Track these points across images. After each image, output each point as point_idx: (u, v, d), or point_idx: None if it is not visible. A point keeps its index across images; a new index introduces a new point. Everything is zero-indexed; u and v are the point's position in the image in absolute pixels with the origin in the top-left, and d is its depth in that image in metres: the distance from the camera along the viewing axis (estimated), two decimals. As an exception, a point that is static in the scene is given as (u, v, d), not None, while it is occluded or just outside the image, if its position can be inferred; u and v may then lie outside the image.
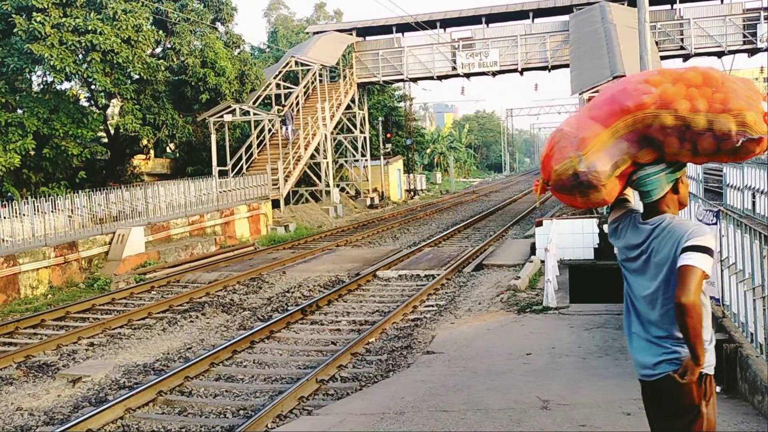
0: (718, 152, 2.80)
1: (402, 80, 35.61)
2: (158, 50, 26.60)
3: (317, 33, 35.25)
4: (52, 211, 16.25)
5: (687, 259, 2.71)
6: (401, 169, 41.73)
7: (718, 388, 5.93)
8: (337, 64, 33.14)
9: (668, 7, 30.90)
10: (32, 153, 21.67)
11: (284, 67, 31.19)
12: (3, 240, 15.03)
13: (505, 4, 33.78)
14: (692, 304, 2.66)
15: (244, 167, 27.47)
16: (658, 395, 2.93)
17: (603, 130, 2.88)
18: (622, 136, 2.86)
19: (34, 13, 20.44)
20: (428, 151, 63.38)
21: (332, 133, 32.60)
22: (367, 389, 7.44)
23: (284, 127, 26.80)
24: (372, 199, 34.83)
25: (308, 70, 31.39)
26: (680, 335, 2.79)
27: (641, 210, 3.05)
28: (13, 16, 20.49)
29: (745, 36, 29.91)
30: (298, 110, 30.38)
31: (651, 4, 12.67)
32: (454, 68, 33.24)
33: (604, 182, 2.89)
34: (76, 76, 22.00)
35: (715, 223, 6.50)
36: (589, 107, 3.03)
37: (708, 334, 2.81)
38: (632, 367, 7.56)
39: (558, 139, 2.98)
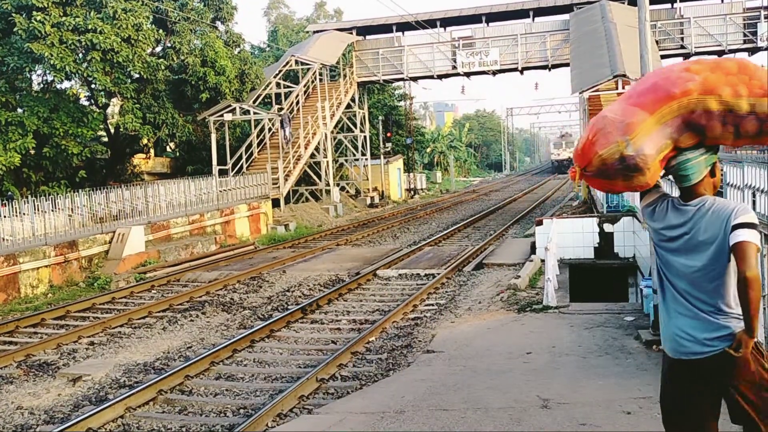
0: (761, 134, 2.99)
1: (402, 79, 35.59)
2: (158, 49, 26.58)
3: (317, 32, 35.22)
4: (52, 210, 16.24)
5: (741, 236, 2.87)
6: (401, 168, 41.71)
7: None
8: (337, 63, 33.12)
9: (668, 6, 30.90)
10: (32, 152, 21.66)
11: (284, 66, 31.17)
12: (3, 239, 15.03)
13: (505, 3, 33.75)
14: (755, 276, 2.82)
15: (244, 166, 27.46)
16: (712, 372, 3.01)
17: (648, 116, 3.02)
18: (667, 121, 3.01)
19: (34, 12, 20.42)
20: (428, 150, 63.32)
21: (332, 132, 32.58)
22: (367, 388, 7.44)
23: (282, 131, 26.66)
24: (372, 198, 34.82)
25: (308, 69, 31.37)
26: (727, 309, 2.98)
27: (672, 194, 3.22)
28: (13, 15, 20.47)
29: (745, 35, 29.89)
30: (298, 109, 30.38)
31: (651, 3, 12.66)
32: (454, 67, 33.22)
33: (650, 165, 3.04)
34: (76, 75, 21.98)
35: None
36: (630, 95, 3.17)
37: None
38: (632, 367, 7.54)
39: (602, 126, 3.09)
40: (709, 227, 2.98)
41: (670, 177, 3.29)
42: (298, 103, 30.78)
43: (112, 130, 26.31)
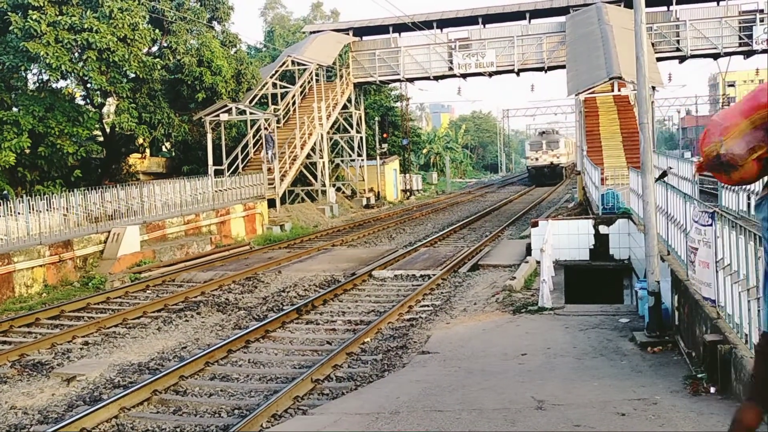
0: None
1: (398, 80, 35.60)
2: (154, 49, 26.54)
3: (314, 32, 35.24)
4: (47, 210, 16.19)
5: None
6: (397, 169, 41.73)
7: (712, 389, 5.95)
8: (334, 63, 33.12)
9: (665, 8, 30.97)
10: (27, 151, 21.60)
11: (281, 66, 31.15)
12: (-2, 238, 14.98)
13: (501, 4, 33.86)
14: None
15: (240, 166, 27.43)
16: None
17: (743, 120, 3.45)
18: (758, 126, 3.41)
19: (30, 11, 20.37)
20: (424, 151, 63.36)
21: (328, 132, 32.56)
22: (362, 389, 7.44)
23: (265, 147, 26.30)
24: (368, 199, 34.82)
25: (305, 70, 31.35)
26: None
27: None
28: (9, 13, 20.42)
29: (741, 38, 29.99)
30: (294, 109, 30.36)
31: (647, 5, 12.69)
32: (450, 68, 33.25)
33: (741, 163, 3.44)
34: (72, 74, 21.94)
35: (711, 225, 6.52)
36: (740, 102, 3.61)
37: None
38: (627, 368, 7.56)
39: (709, 128, 3.58)
40: None
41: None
42: (294, 103, 30.77)
43: (108, 130, 26.25)
